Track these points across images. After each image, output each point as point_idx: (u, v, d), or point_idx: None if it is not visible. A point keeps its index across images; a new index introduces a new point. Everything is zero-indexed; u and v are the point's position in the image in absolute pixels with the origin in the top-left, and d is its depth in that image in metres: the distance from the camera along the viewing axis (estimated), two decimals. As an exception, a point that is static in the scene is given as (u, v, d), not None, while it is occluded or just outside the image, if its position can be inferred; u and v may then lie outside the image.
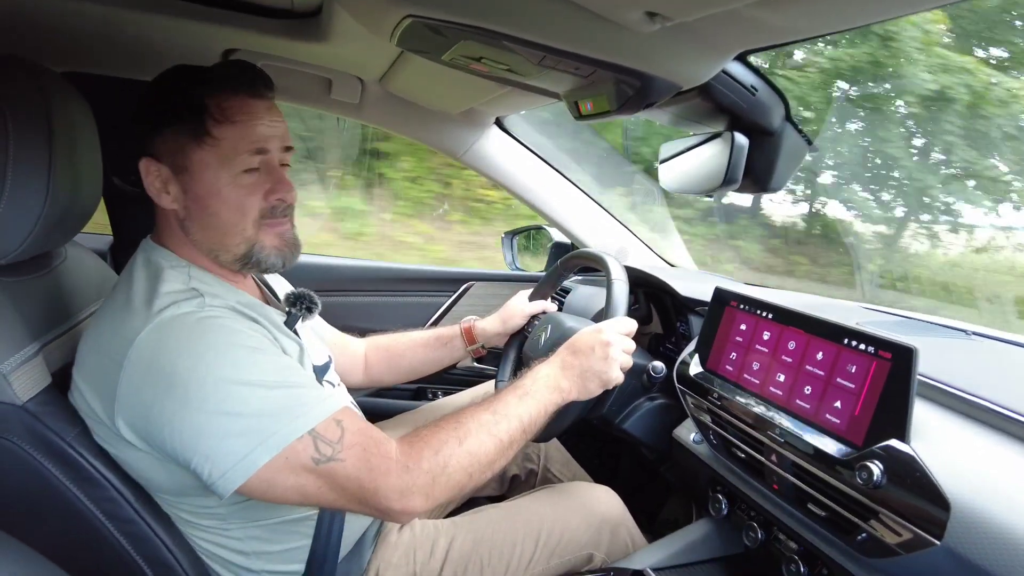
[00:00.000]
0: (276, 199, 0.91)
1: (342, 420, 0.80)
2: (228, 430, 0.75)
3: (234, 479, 0.75)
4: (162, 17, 1.16)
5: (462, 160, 1.83)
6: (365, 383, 1.39)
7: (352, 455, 0.79)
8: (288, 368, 0.82)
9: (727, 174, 1.04)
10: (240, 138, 0.87)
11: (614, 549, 1.13)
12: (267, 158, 0.90)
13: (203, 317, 0.80)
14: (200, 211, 0.89)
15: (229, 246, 0.90)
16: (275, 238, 0.93)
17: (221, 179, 0.87)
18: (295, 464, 0.76)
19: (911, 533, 0.69)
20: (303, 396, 0.79)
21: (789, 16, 0.71)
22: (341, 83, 1.55)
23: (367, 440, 0.81)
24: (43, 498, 0.80)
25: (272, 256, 0.93)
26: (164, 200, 0.89)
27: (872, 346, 0.78)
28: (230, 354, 0.78)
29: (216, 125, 0.86)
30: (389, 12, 0.82)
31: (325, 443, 0.77)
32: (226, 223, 0.89)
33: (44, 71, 0.86)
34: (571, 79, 0.93)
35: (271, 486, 0.77)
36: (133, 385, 0.77)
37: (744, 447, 0.96)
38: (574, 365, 1.01)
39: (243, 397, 0.76)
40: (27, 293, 0.89)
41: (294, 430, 0.76)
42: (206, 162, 0.86)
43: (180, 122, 0.86)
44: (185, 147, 0.86)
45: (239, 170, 0.87)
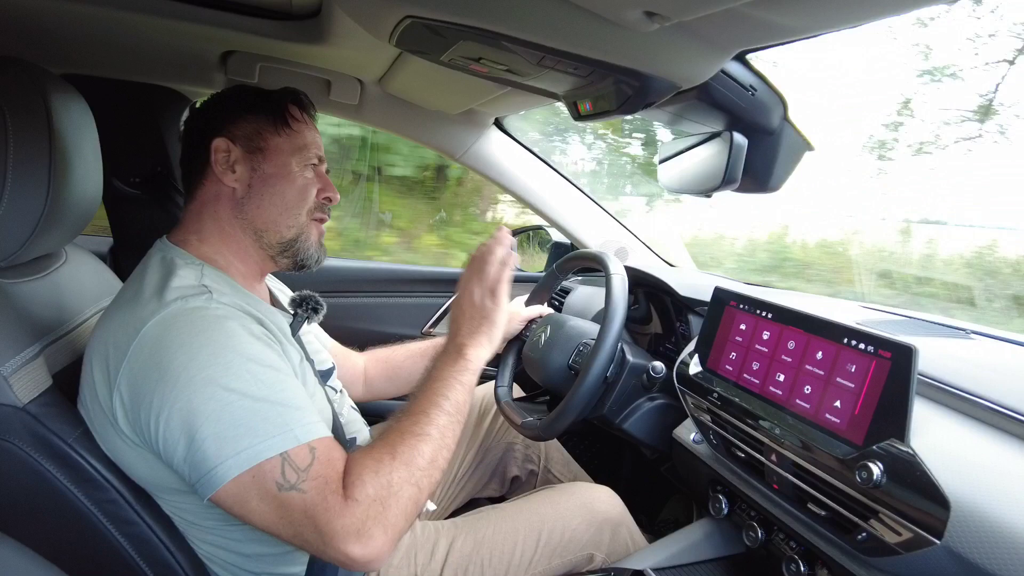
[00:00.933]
0: (325, 197, 1.04)
1: (316, 448, 0.78)
2: (207, 435, 0.74)
3: (207, 487, 0.75)
4: (161, 19, 1.17)
5: (461, 161, 1.84)
6: (367, 396, 1.40)
7: (314, 487, 0.75)
8: (279, 383, 0.80)
9: (726, 174, 1.04)
10: (310, 140, 1.02)
11: (615, 549, 1.13)
12: (320, 165, 1.05)
13: (208, 314, 0.81)
14: (266, 189, 0.98)
15: (281, 227, 0.99)
16: (318, 234, 1.05)
17: (292, 164, 0.99)
18: (260, 485, 0.74)
19: (911, 532, 0.69)
20: (284, 415, 0.78)
21: (788, 15, 0.71)
22: (340, 84, 1.55)
23: (330, 473, 0.77)
24: (44, 500, 0.80)
25: (312, 248, 1.04)
26: (228, 178, 0.96)
27: (872, 345, 0.78)
28: (225, 356, 0.78)
29: (294, 121, 1.01)
30: (388, 13, 0.82)
31: (292, 469, 0.75)
32: (288, 203, 0.99)
33: (44, 73, 0.87)
34: (570, 79, 0.93)
35: (239, 502, 0.75)
36: (133, 374, 0.77)
37: (744, 447, 0.96)
38: (459, 326, 1.03)
39: (226, 403, 0.75)
40: (28, 295, 0.89)
41: (265, 449, 0.75)
42: (281, 147, 0.99)
43: (262, 111, 0.99)
44: (263, 131, 0.99)
45: (306, 162, 1.01)
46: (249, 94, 1.01)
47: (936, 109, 3.35)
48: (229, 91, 1.03)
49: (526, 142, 1.85)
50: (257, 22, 1.22)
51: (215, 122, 0.98)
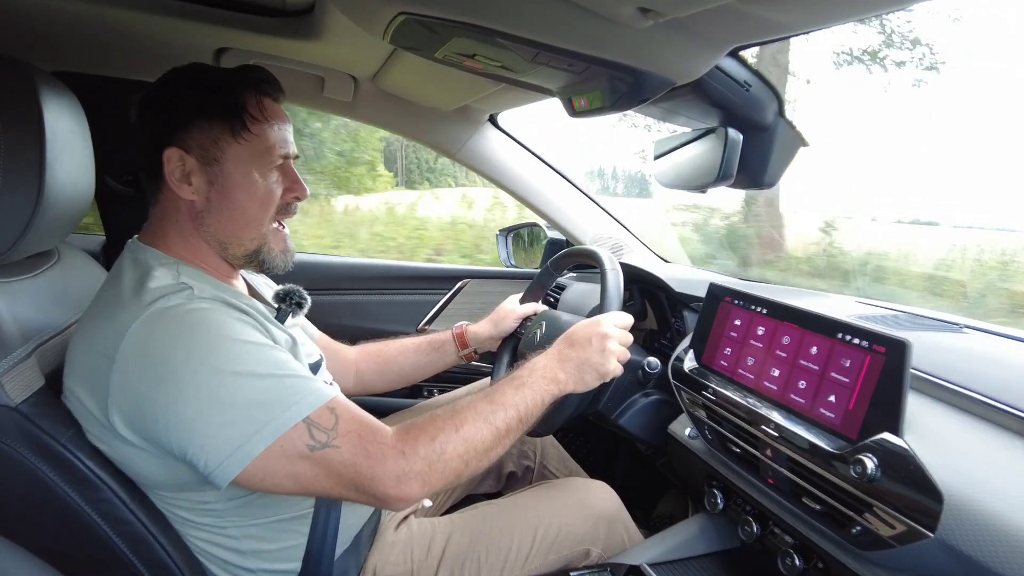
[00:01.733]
0: (292, 197, 0.98)
1: (335, 408, 0.81)
2: (222, 420, 0.75)
3: (231, 469, 0.75)
4: (154, 16, 1.16)
5: (456, 158, 1.83)
6: (357, 390, 1.39)
7: (347, 441, 0.79)
8: (279, 359, 0.82)
9: (721, 170, 1.04)
10: (275, 138, 0.94)
11: (610, 544, 1.13)
12: (287, 161, 0.97)
13: (193, 309, 0.80)
14: (225, 202, 0.92)
15: (243, 239, 0.95)
16: (282, 241, 1.00)
17: (252, 173, 0.92)
18: (290, 452, 0.76)
19: (905, 525, 0.69)
20: (295, 385, 0.80)
21: (781, 11, 0.71)
22: (334, 81, 1.54)
23: (362, 427, 0.81)
24: (38, 500, 0.80)
25: (278, 258, 0.99)
26: (184, 191, 0.91)
27: (866, 340, 0.78)
28: (222, 345, 0.78)
29: (253, 122, 0.92)
30: (382, 9, 0.81)
31: (320, 430, 0.78)
32: (249, 215, 0.94)
33: (36, 71, 0.86)
34: (565, 75, 0.93)
35: (267, 475, 0.77)
36: (126, 379, 0.77)
37: (739, 442, 0.97)
38: (571, 357, 1.01)
39: (236, 387, 0.76)
40: (19, 294, 0.89)
41: (288, 418, 0.76)
42: (240, 156, 0.91)
43: (217, 116, 0.90)
44: (219, 140, 0.90)
45: (270, 167, 0.94)
46: (201, 94, 0.91)
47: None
48: (178, 86, 0.93)
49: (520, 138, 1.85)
50: (250, 19, 1.22)
51: (165, 127, 0.90)
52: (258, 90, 0.94)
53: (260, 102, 0.93)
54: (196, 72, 0.94)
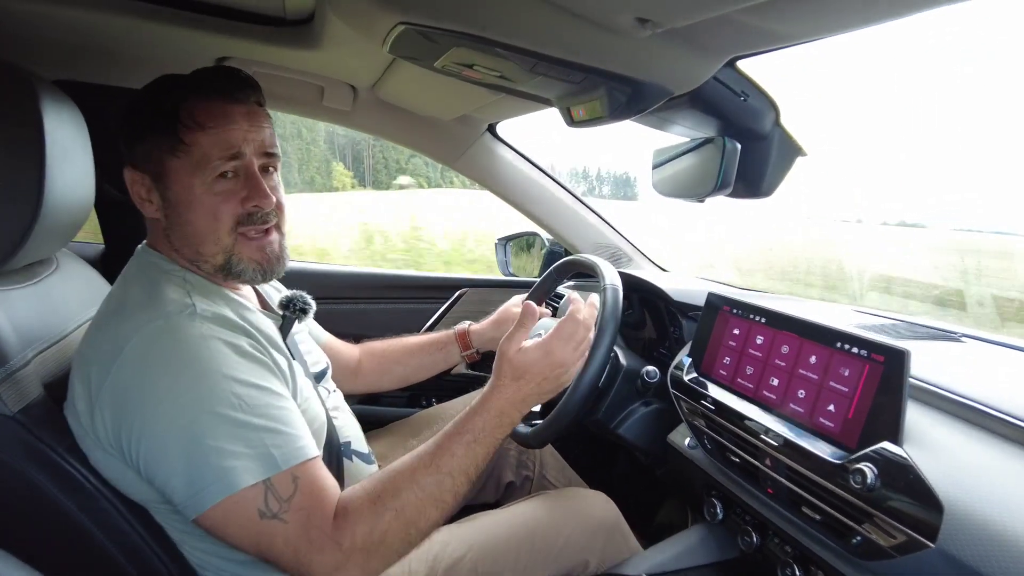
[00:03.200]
0: (252, 206, 0.90)
1: (299, 476, 0.78)
2: (190, 458, 0.74)
3: (191, 509, 0.75)
4: (155, 25, 1.16)
5: (455, 167, 1.84)
6: (359, 389, 1.39)
7: (295, 519, 0.76)
8: (263, 404, 0.79)
9: (719, 179, 1.04)
10: (212, 144, 0.86)
11: (609, 555, 1.13)
12: (243, 163, 0.89)
13: (193, 333, 0.79)
14: (177, 219, 0.89)
15: (206, 255, 0.90)
16: (256, 251, 0.92)
17: (195, 187, 0.87)
18: (242, 511, 0.74)
19: (905, 536, 0.69)
20: (269, 440, 0.77)
21: (779, 22, 0.71)
22: (333, 90, 1.55)
23: (314, 506, 0.77)
24: (35, 510, 0.79)
25: (250, 269, 0.92)
26: (148, 209, 0.90)
27: (865, 349, 0.78)
28: (209, 379, 0.77)
29: (187, 131, 0.85)
30: (381, 19, 0.82)
31: (275, 498, 0.75)
32: (201, 231, 0.88)
33: (36, 79, 0.86)
34: (563, 85, 0.93)
35: (221, 526, 0.76)
36: (114, 392, 0.77)
37: (738, 451, 0.97)
38: (523, 392, 0.93)
39: (212, 427, 0.75)
40: (18, 302, 0.89)
41: (249, 475, 0.75)
42: (180, 170, 0.87)
43: (156, 130, 0.86)
44: (161, 156, 0.87)
45: (212, 176, 0.87)
46: (142, 109, 0.88)
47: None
48: (136, 103, 0.89)
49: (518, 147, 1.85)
50: (251, 28, 1.22)
51: (125, 146, 0.89)
52: (197, 93, 0.87)
53: (196, 108, 0.86)
54: (154, 85, 0.90)
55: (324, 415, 1.00)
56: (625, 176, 13.48)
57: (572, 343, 0.96)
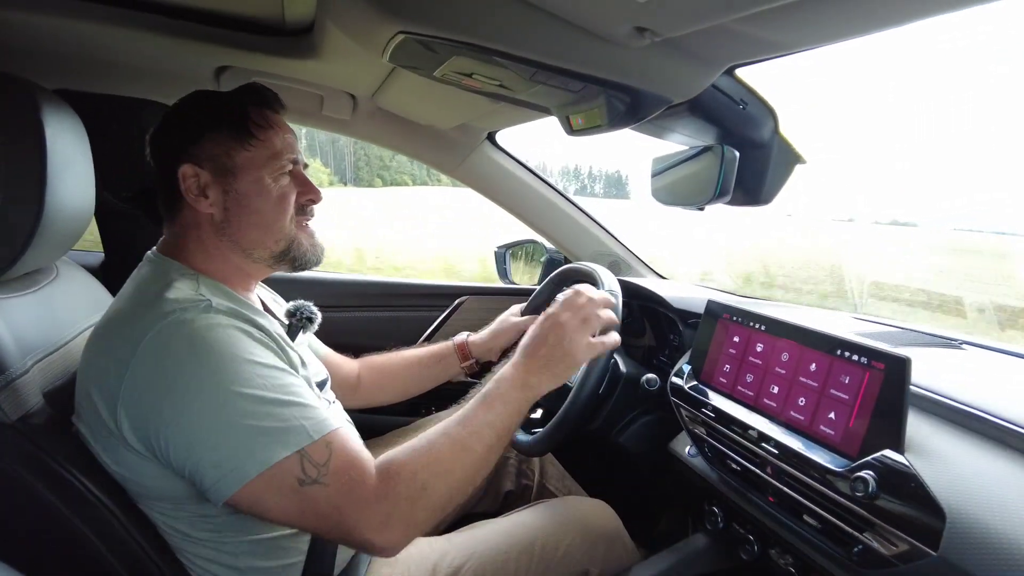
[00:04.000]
0: (307, 199, 1.00)
1: (331, 442, 0.80)
2: (221, 440, 0.75)
3: (224, 490, 0.75)
4: (155, 35, 1.17)
5: (455, 175, 1.84)
6: (358, 403, 1.39)
7: (336, 480, 0.78)
8: (286, 383, 0.82)
9: (718, 187, 1.05)
10: (281, 143, 0.96)
11: (609, 564, 1.12)
12: (296, 167, 1.00)
13: (210, 323, 0.81)
14: (243, 209, 0.94)
15: (267, 243, 0.97)
16: (310, 238, 1.02)
17: (265, 178, 0.94)
18: (280, 483, 0.76)
19: (907, 544, 0.69)
20: (298, 413, 0.79)
21: (777, 30, 0.72)
22: (333, 99, 1.55)
23: (352, 466, 0.80)
24: (33, 518, 0.79)
25: (308, 252, 1.01)
26: (202, 204, 0.93)
27: (865, 357, 0.78)
28: (232, 364, 0.78)
29: (259, 129, 0.94)
30: (381, 29, 0.82)
31: (311, 464, 0.77)
32: (268, 219, 0.96)
33: (37, 88, 0.87)
34: (562, 94, 0.94)
35: (256, 501, 0.77)
36: (137, 387, 0.77)
37: (739, 459, 0.96)
38: (535, 358, 0.97)
39: (240, 408, 0.76)
40: (18, 311, 0.89)
41: (284, 448, 0.76)
42: (251, 162, 0.94)
43: (224, 127, 0.93)
44: (230, 149, 0.93)
45: (278, 172, 0.96)
46: (206, 109, 0.95)
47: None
48: (185, 108, 0.96)
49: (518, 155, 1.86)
50: (250, 38, 1.23)
51: (178, 146, 0.93)
52: (260, 102, 0.97)
53: (263, 112, 0.96)
54: (200, 95, 0.97)
55: None
56: (617, 175, 13.68)
57: (572, 312, 1.00)
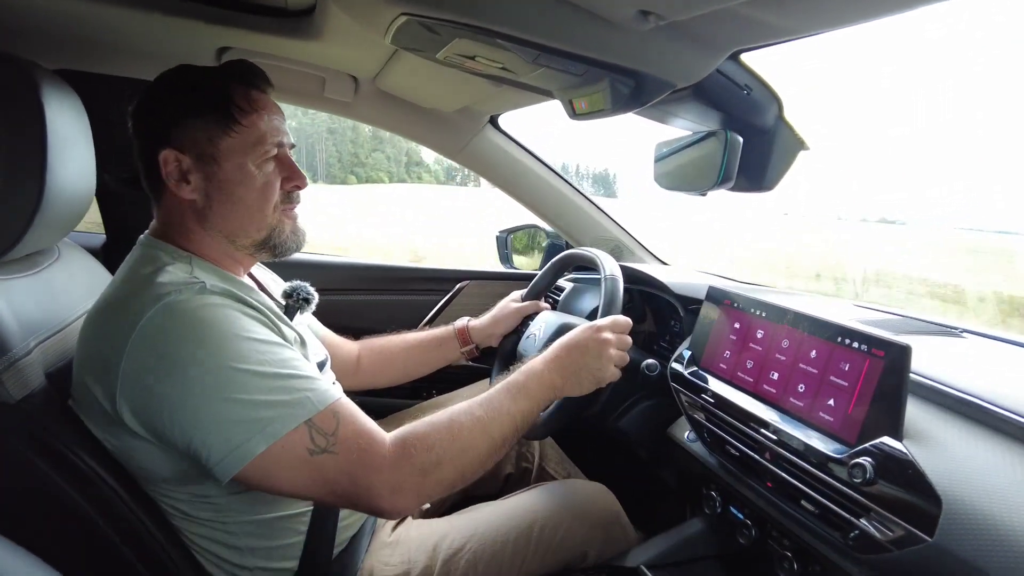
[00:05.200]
0: (292, 186, 0.97)
1: (338, 412, 0.81)
2: (226, 416, 0.75)
3: (231, 466, 0.76)
4: (156, 15, 1.16)
5: (457, 159, 1.83)
6: (358, 384, 1.39)
7: (345, 448, 0.79)
8: (286, 357, 0.82)
9: (721, 173, 1.04)
10: (266, 127, 0.93)
11: (608, 547, 1.13)
12: (282, 150, 0.97)
13: (206, 304, 0.81)
14: (224, 197, 0.92)
15: (250, 231, 0.95)
16: (292, 226, 1.00)
17: (247, 165, 0.92)
18: (290, 454, 0.77)
19: (903, 530, 0.69)
20: (301, 385, 0.80)
21: (782, 15, 0.71)
22: (335, 81, 1.54)
23: (360, 434, 0.81)
24: (37, 497, 0.80)
25: (289, 239, 0.99)
26: (183, 190, 0.91)
27: (865, 344, 0.78)
28: (231, 341, 0.78)
29: (242, 114, 0.91)
30: (384, 10, 0.82)
31: (320, 434, 0.78)
32: (251, 208, 0.94)
33: (38, 68, 0.86)
34: (566, 77, 0.93)
35: (265, 475, 0.77)
36: (135, 370, 0.77)
37: (738, 445, 0.97)
38: (569, 363, 1.00)
39: (242, 384, 0.76)
40: (20, 292, 0.89)
41: (291, 420, 0.77)
42: (234, 149, 0.91)
43: (206, 112, 0.90)
44: (212, 136, 0.90)
45: (262, 158, 0.93)
46: (188, 90, 0.92)
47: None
48: (166, 87, 0.93)
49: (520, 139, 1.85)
50: (252, 18, 1.22)
51: (159, 130, 0.91)
52: (244, 82, 0.94)
53: (248, 94, 0.93)
54: (183, 72, 0.94)
55: None
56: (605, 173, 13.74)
57: (615, 336, 1.04)
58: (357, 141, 19.45)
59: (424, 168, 23.25)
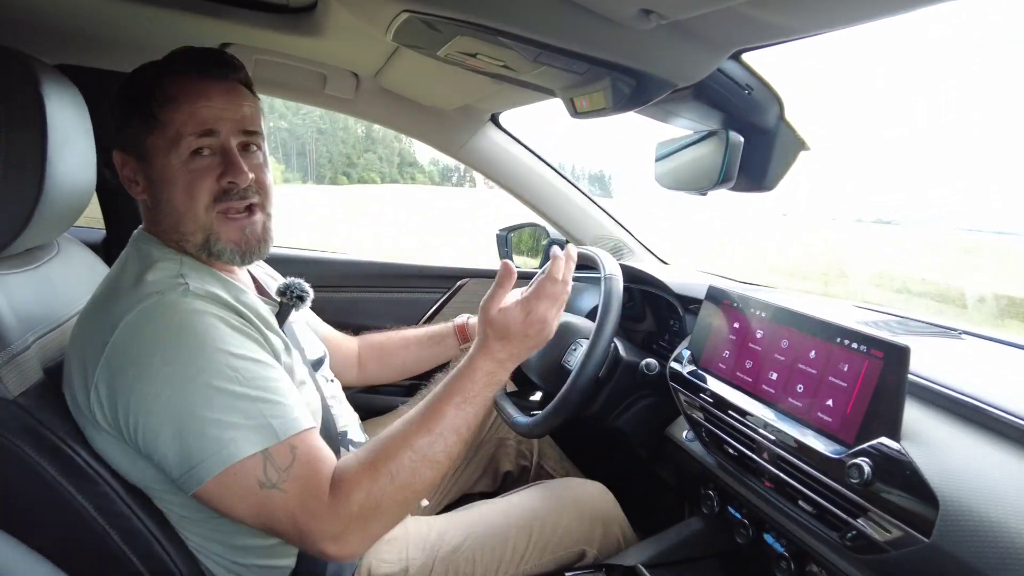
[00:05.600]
0: (227, 182, 0.89)
1: (296, 446, 0.78)
2: (185, 431, 0.74)
3: (188, 484, 0.76)
4: (157, 10, 1.16)
5: (457, 156, 1.83)
6: (358, 381, 1.39)
7: (294, 487, 0.77)
8: (260, 378, 0.80)
9: (722, 172, 1.04)
10: (185, 121, 0.86)
11: (606, 545, 1.13)
12: (218, 140, 0.89)
13: (186, 308, 0.80)
14: (159, 198, 0.90)
15: (186, 234, 0.90)
16: (236, 232, 0.91)
17: (171, 164, 0.87)
18: (242, 482, 0.75)
19: (900, 531, 0.69)
20: (267, 411, 0.78)
21: (784, 15, 0.71)
22: (336, 78, 1.54)
23: (311, 475, 0.78)
24: (35, 493, 0.80)
25: (228, 250, 0.91)
26: (135, 190, 0.92)
27: (865, 345, 0.78)
28: (205, 353, 0.77)
29: (160, 108, 0.86)
30: (385, 7, 0.82)
31: (273, 467, 0.76)
32: (179, 209, 0.88)
33: (38, 63, 0.86)
34: (567, 76, 0.93)
35: (219, 497, 0.76)
36: (110, 369, 0.77)
37: (736, 444, 0.97)
38: (508, 353, 0.94)
39: (207, 399, 0.75)
40: (19, 287, 0.89)
41: (248, 445, 0.75)
42: (157, 147, 0.87)
43: (134, 110, 0.88)
44: (139, 134, 0.88)
45: (186, 153, 0.87)
46: (122, 91, 0.89)
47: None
48: (119, 89, 0.91)
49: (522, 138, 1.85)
50: (254, 15, 1.22)
51: (113, 131, 0.91)
52: (171, 70, 0.88)
53: (169, 84, 0.87)
54: (135, 71, 0.91)
55: (320, 402, 1.00)
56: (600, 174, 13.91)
57: (550, 300, 0.96)
58: (348, 141, 19.59)
59: (418, 168, 23.35)
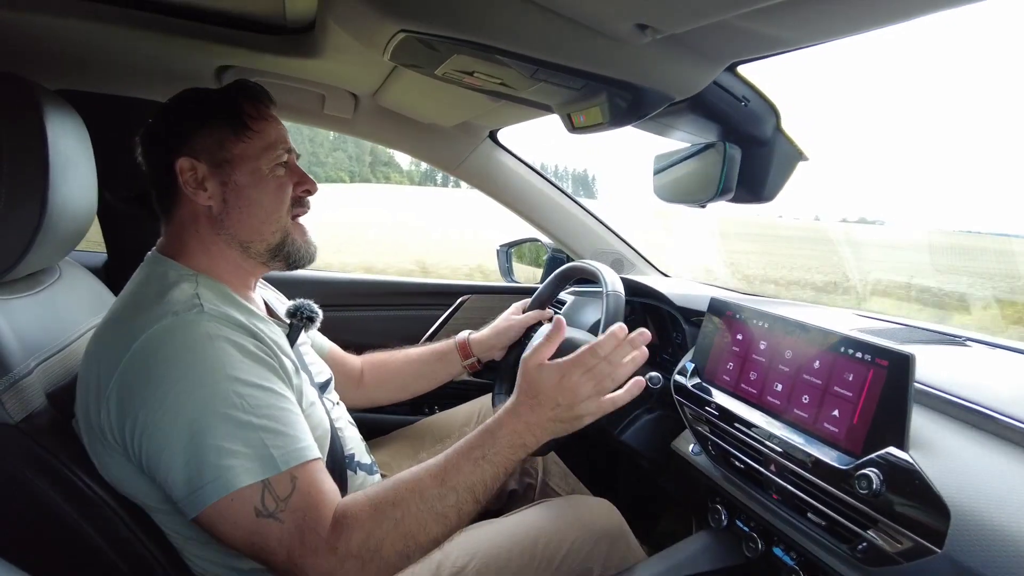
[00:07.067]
0: (303, 190, 1.01)
1: (297, 477, 0.78)
2: (188, 457, 0.75)
3: (190, 507, 0.76)
4: (156, 35, 1.17)
5: (456, 173, 1.84)
6: (362, 401, 1.39)
7: (292, 519, 0.76)
8: (267, 406, 0.80)
9: (721, 184, 1.04)
10: (276, 134, 0.98)
11: (613, 562, 1.12)
12: (291, 156, 1.00)
13: (200, 331, 0.80)
14: (240, 200, 0.95)
15: (265, 234, 0.97)
16: (304, 235, 1.03)
17: (261, 169, 0.96)
18: (239, 509, 0.75)
19: (911, 541, 0.69)
20: (270, 441, 0.78)
21: (779, 27, 0.71)
22: (334, 98, 1.55)
23: (309, 508, 0.78)
24: (38, 518, 0.79)
25: (302, 249, 1.01)
26: (200, 197, 0.94)
27: (869, 354, 0.78)
28: (213, 378, 0.78)
29: (253, 120, 0.96)
30: (382, 27, 0.82)
31: (272, 497, 0.76)
32: (266, 210, 0.97)
33: (39, 88, 0.87)
34: (564, 92, 0.93)
35: (216, 523, 0.76)
36: (122, 390, 0.77)
37: (743, 457, 0.96)
38: (537, 417, 0.90)
39: (212, 425, 0.75)
40: (22, 311, 0.89)
41: (246, 475, 0.75)
42: (247, 153, 0.95)
43: (219, 119, 0.95)
44: (225, 141, 0.94)
45: (274, 162, 0.97)
46: (200, 103, 0.97)
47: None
48: (179, 104, 0.97)
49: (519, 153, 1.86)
50: (252, 37, 1.23)
51: (174, 140, 0.94)
52: (252, 97, 0.99)
53: (255, 105, 0.98)
54: (195, 91, 0.99)
55: (328, 424, 1.00)
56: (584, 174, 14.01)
57: (586, 374, 0.90)
58: (316, 140, 20.09)
59: (393, 168, 23.99)
